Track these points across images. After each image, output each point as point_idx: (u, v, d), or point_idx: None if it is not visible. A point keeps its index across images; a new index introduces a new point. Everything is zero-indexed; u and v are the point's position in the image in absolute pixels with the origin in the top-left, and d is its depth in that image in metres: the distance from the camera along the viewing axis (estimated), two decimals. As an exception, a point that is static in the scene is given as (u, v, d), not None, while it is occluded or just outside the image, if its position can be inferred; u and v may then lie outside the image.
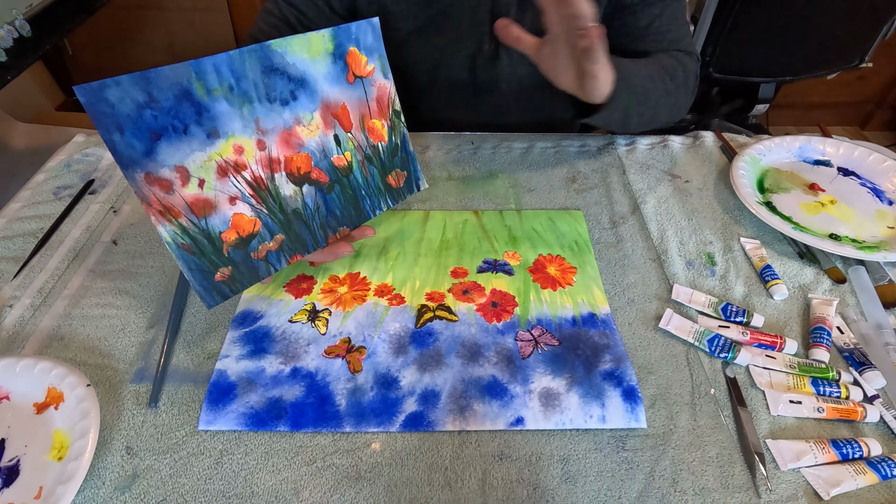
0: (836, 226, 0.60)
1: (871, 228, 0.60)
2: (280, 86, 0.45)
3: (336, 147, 0.49)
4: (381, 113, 0.52)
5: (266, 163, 0.45)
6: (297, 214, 0.48)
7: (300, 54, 0.45)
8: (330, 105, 0.48)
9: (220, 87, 0.41)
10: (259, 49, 0.42)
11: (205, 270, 0.44)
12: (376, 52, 0.50)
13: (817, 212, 0.62)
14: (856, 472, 0.40)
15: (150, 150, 0.40)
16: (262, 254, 0.47)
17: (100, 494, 0.39)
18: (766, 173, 0.68)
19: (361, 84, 0.50)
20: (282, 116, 0.45)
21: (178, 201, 0.42)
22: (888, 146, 0.71)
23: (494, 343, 0.49)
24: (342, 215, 0.52)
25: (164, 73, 0.38)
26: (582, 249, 0.58)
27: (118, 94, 0.37)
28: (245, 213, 0.45)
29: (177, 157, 0.41)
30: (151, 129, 0.39)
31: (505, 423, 0.43)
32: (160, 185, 0.41)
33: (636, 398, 0.45)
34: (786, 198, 0.64)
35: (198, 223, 0.43)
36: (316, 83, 0.47)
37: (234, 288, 0.46)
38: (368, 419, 0.43)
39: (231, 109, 0.42)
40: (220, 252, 0.45)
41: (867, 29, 1.23)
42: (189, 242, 0.43)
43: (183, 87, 0.40)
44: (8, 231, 0.59)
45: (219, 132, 0.42)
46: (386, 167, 0.54)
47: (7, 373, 0.44)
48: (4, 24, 0.98)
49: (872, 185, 0.66)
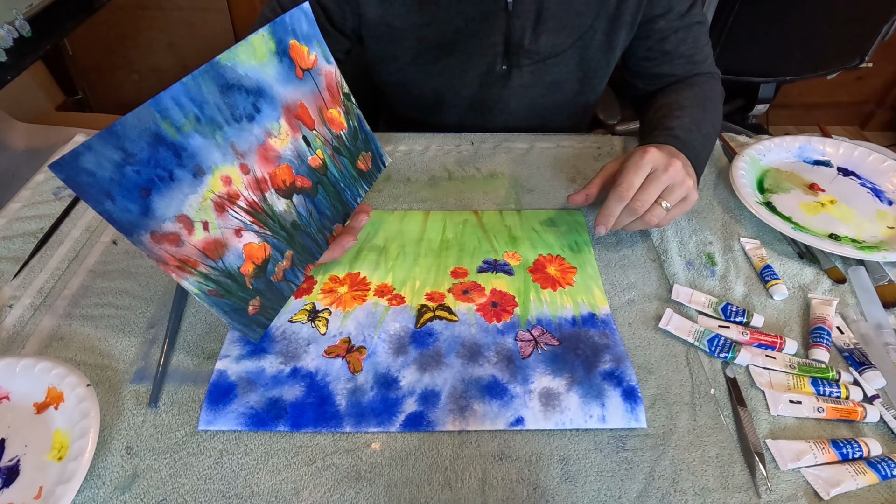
0: (835, 226, 0.60)
1: (870, 228, 0.60)
2: (241, 102, 0.44)
3: (307, 149, 0.49)
4: (334, 101, 0.52)
5: (255, 185, 0.45)
6: (296, 226, 0.49)
7: (249, 62, 0.44)
8: (290, 107, 0.48)
9: (187, 121, 0.40)
10: (210, 69, 0.41)
11: (238, 309, 0.45)
12: (314, 38, 0.49)
13: (817, 212, 0.62)
14: (856, 472, 0.40)
15: (147, 209, 0.38)
16: (280, 275, 0.48)
17: (100, 494, 0.39)
18: (766, 173, 0.68)
19: (310, 76, 0.49)
20: (253, 133, 0.45)
21: (191, 251, 0.41)
22: (888, 146, 0.71)
23: (494, 343, 0.49)
24: (332, 213, 0.52)
25: (128, 122, 0.37)
26: (582, 249, 0.58)
27: (94, 160, 0.35)
28: (254, 242, 0.45)
29: (174, 207, 0.40)
30: (139, 185, 0.38)
31: (505, 423, 0.43)
32: (168, 240, 0.40)
33: (636, 398, 0.45)
34: (786, 198, 0.64)
35: (216, 266, 0.43)
36: (272, 89, 0.46)
37: (267, 315, 0.47)
38: (368, 419, 0.43)
39: (206, 141, 0.41)
40: (244, 287, 0.45)
41: (867, 29, 1.23)
42: (215, 287, 0.43)
43: (152, 131, 0.38)
44: (8, 231, 0.59)
45: (203, 168, 0.41)
46: (353, 154, 0.54)
47: (7, 373, 0.44)
48: (4, 24, 0.98)
49: (872, 185, 0.66)
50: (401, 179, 0.67)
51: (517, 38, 0.69)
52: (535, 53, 0.70)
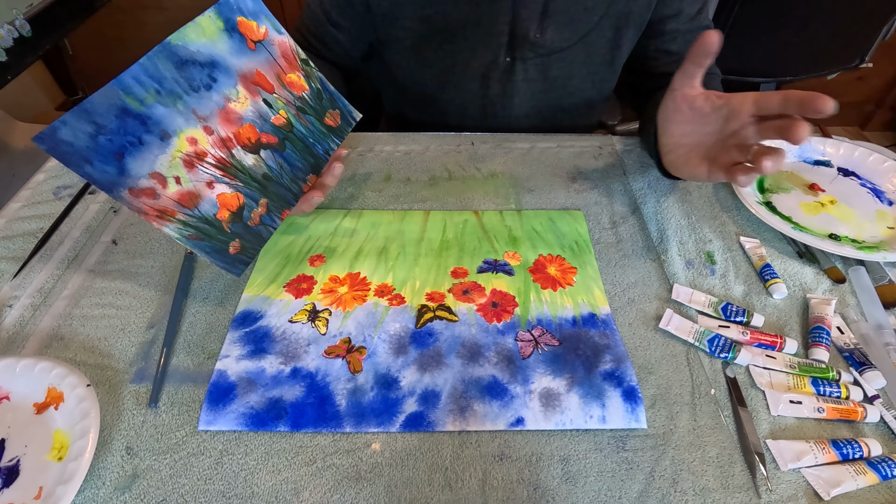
0: (835, 226, 0.60)
1: (871, 229, 0.60)
2: (197, 74, 0.47)
3: (269, 109, 0.52)
4: (291, 66, 0.54)
5: (220, 144, 0.49)
6: (268, 178, 0.52)
7: (199, 40, 0.47)
8: (247, 75, 0.51)
9: (148, 95, 0.44)
10: (162, 49, 0.45)
11: (219, 250, 0.49)
12: (261, 13, 0.52)
13: (817, 212, 0.62)
14: (856, 472, 0.40)
15: (122, 170, 0.44)
16: (257, 220, 0.52)
17: (100, 494, 0.39)
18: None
19: (263, 47, 0.52)
20: (212, 100, 0.49)
21: (167, 202, 0.46)
22: (888, 146, 0.71)
23: (494, 343, 0.49)
24: (303, 165, 0.55)
25: (96, 100, 0.42)
26: (582, 249, 0.58)
27: (70, 132, 0.41)
28: (226, 192, 0.50)
29: (146, 167, 0.45)
30: (112, 151, 0.43)
31: (505, 423, 0.43)
32: (145, 194, 0.45)
33: (636, 398, 0.45)
34: (785, 198, 0.64)
35: (192, 213, 0.48)
36: (225, 60, 0.49)
37: (248, 255, 0.52)
38: (368, 419, 0.43)
39: (168, 110, 0.46)
40: (222, 230, 0.50)
41: (867, 29, 1.23)
42: (195, 232, 0.48)
43: (118, 105, 0.43)
44: (8, 231, 0.59)
45: (168, 133, 0.46)
46: (319, 112, 0.57)
47: (7, 373, 0.44)
48: (5, 23, 0.98)
49: (872, 185, 0.66)
50: (401, 179, 0.67)
51: (523, 29, 0.68)
52: (540, 47, 0.70)
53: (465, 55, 0.71)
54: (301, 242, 0.59)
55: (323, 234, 0.60)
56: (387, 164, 0.70)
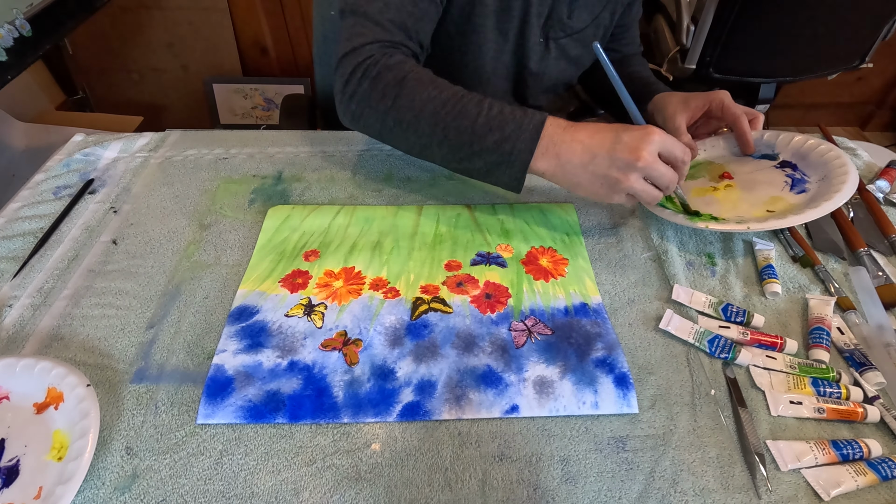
0: (713, 207, 0.60)
1: (748, 210, 0.58)
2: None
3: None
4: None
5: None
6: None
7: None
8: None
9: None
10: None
11: None
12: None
13: (704, 195, 0.62)
14: (856, 472, 0.40)
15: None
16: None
17: (100, 494, 0.39)
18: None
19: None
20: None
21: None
22: (888, 146, 0.71)
23: (489, 333, 0.49)
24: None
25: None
26: (573, 241, 0.59)
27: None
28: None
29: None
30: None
31: (500, 410, 0.44)
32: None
33: (628, 384, 0.45)
34: (690, 184, 0.65)
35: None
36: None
37: None
38: (366, 410, 0.44)
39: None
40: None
41: (867, 29, 1.23)
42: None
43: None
44: (8, 231, 0.59)
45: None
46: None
47: (7, 373, 0.44)
48: (5, 23, 0.98)
49: (802, 175, 0.62)
50: (401, 178, 0.67)
51: (559, 10, 0.70)
52: (568, 27, 0.73)
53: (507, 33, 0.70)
54: (295, 238, 0.59)
55: (317, 230, 0.60)
56: (387, 164, 0.70)
